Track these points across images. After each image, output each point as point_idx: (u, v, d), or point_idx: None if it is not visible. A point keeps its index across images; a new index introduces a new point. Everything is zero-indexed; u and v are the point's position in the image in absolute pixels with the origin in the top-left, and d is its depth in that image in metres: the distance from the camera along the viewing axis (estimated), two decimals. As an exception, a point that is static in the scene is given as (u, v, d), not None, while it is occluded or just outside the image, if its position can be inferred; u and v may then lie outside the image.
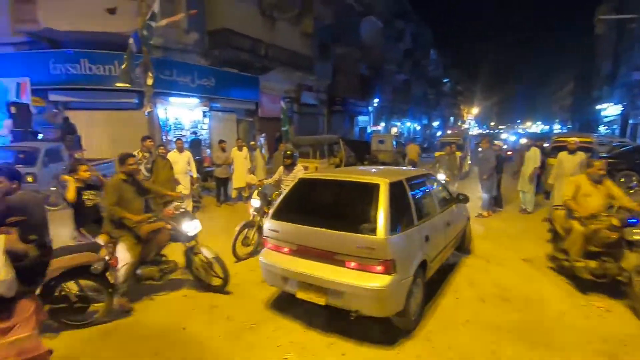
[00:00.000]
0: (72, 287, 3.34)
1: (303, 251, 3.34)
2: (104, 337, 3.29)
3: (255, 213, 5.29)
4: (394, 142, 16.66)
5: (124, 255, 3.59)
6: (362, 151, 13.87)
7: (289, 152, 5.51)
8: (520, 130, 54.01)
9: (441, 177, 7.58)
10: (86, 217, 3.99)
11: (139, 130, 9.90)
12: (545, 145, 11.25)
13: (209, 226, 5.78)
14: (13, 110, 9.67)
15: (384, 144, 16.20)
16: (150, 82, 9.10)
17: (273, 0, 16.24)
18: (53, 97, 11.28)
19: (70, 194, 3.87)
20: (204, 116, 14.23)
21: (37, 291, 2.74)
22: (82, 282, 3.38)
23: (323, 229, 3.22)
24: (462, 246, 5.22)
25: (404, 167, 10.24)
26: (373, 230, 3.00)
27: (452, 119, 61.53)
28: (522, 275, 4.69)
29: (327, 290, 3.12)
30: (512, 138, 31.48)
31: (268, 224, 3.63)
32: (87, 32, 10.70)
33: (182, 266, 4.09)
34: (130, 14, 10.25)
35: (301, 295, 3.29)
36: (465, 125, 58.12)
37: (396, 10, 31.48)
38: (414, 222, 3.40)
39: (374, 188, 3.23)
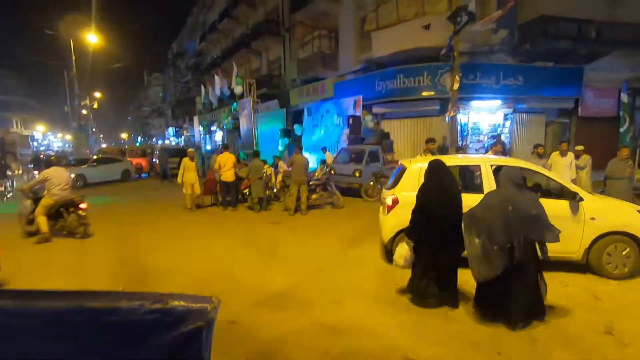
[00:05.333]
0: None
1: None
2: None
3: None
4: None
5: None
6: None
7: None
8: None
9: None
10: None
11: (437, 135, 10.39)
12: None
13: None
14: (350, 121, 12.69)
15: None
16: (456, 86, 9.25)
17: (617, -36, 12.48)
18: (375, 109, 13.88)
19: None
20: (505, 119, 13.02)
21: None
22: None
23: None
24: None
25: None
26: None
27: None
28: None
29: None
30: None
31: None
32: (404, 50, 12.36)
33: None
34: (443, 27, 10.87)
35: None
36: None
37: None
38: None
39: None
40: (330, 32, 17.02)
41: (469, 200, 3.81)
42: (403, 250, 3.81)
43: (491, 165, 4.69)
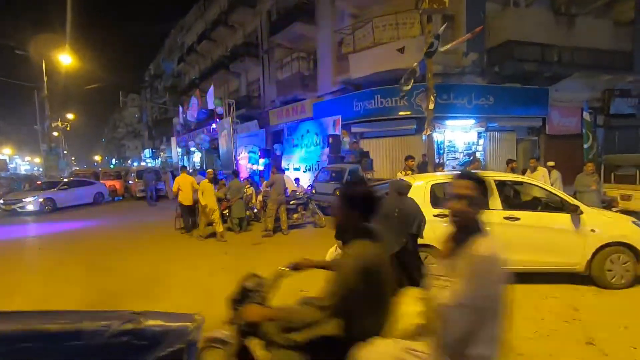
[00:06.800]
0: None
1: None
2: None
3: None
4: None
5: None
6: None
7: None
8: None
9: None
10: None
11: (414, 153, 10.65)
12: None
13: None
14: (330, 140, 12.81)
15: None
16: (431, 106, 9.55)
17: (570, -5, 13.58)
18: (354, 129, 14.11)
19: None
20: (479, 137, 13.52)
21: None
22: None
23: None
24: None
25: None
26: None
27: None
28: None
29: None
30: None
31: None
32: (380, 72, 12.74)
33: None
34: (416, 50, 11.35)
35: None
36: None
37: None
38: None
39: None
40: (309, 54, 17.40)
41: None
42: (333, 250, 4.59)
43: (495, 181, 4.79)
